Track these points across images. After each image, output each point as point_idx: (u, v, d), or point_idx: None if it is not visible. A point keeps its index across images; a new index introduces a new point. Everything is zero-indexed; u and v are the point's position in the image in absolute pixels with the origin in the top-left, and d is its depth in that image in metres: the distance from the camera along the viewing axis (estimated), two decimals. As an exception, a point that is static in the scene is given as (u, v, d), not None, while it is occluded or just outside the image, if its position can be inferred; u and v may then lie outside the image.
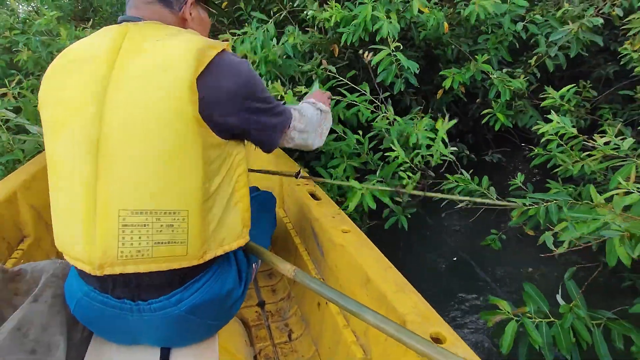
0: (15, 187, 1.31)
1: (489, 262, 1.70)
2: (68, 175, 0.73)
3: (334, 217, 1.20)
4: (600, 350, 1.04)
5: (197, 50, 0.72)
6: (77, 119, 0.71)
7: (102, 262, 0.71)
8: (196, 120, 0.71)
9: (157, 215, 0.71)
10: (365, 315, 0.76)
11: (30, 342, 0.76)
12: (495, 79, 1.71)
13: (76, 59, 0.75)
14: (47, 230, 1.41)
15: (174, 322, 0.79)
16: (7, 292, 0.83)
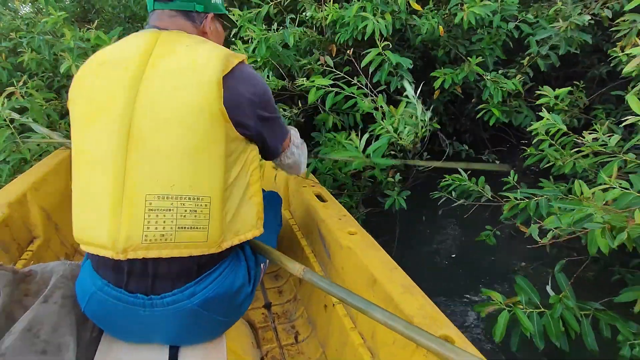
0: (25, 189, 1.34)
1: (484, 257, 1.74)
2: (98, 164, 0.77)
3: (340, 219, 1.21)
4: (587, 339, 1.09)
5: (224, 56, 0.80)
6: (110, 112, 0.76)
7: (126, 246, 0.74)
8: (222, 114, 0.77)
9: (182, 201, 0.76)
10: (374, 313, 0.78)
11: (41, 342, 0.77)
12: (488, 80, 1.76)
13: (107, 61, 0.81)
14: (56, 232, 1.45)
15: (186, 317, 0.81)
16: (18, 293, 0.85)
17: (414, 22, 1.81)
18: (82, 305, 0.84)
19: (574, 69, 2.37)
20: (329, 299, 1.14)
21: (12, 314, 0.81)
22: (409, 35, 1.94)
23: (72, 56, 1.86)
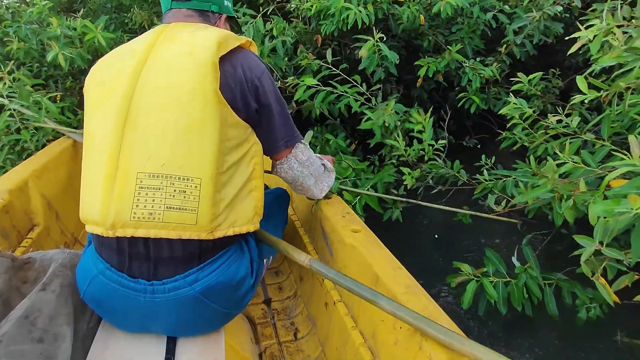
0: (26, 176, 1.34)
1: (463, 237, 1.84)
2: (97, 145, 0.79)
3: (344, 216, 1.19)
4: (549, 305, 1.19)
5: (221, 38, 0.81)
6: (113, 96, 0.79)
7: (115, 222, 0.75)
8: (216, 95, 0.77)
9: (171, 180, 0.76)
10: (381, 302, 0.78)
11: (38, 330, 0.76)
12: (467, 67, 1.84)
13: (120, 53, 0.86)
14: (56, 220, 1.44)
15: (186, 304, 0.80)
16: (16, 280, 0.84)
17: (396, 11, 1.89)
18: (82, 289, 0.84)
19: (553, 58, 2.47)
20: (330, 297, 1.13)
21: (9, 301, 0.81)
22: (391, 24, 2.02)
23: (59, 44, 1.90)
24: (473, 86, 1.84)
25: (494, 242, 1.75)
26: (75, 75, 2.60)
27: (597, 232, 0.74)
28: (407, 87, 2.44)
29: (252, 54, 0.89)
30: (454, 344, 0.68)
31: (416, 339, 0.77)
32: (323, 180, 1.15)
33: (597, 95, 1.02)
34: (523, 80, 1.64)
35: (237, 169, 0.83)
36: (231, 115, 0.80)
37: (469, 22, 1.97)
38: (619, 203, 0.65)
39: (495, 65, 1.84)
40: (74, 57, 1.92)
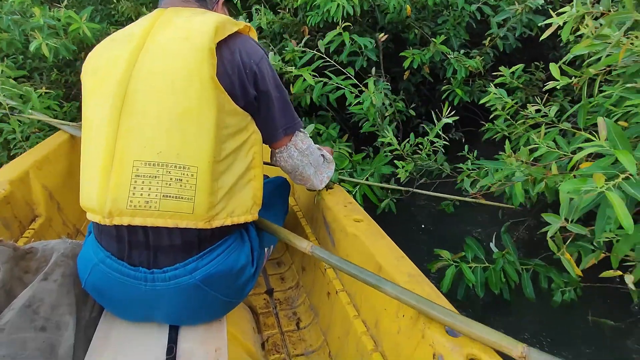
0: (27, 167, 1.35)
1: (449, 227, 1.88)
2: (95, 132, 0.79)
3: (346, 205, 1.20)
4: (526, 289, 1.24)
5: (219, 23, 0.80)
6: (109, 82, 0.78)
7: (111, 210, 0.75)
8: (212, 81, 0.76)
9: (168, 168, 0.75)
10: (385, 287, 0.79)
11: (40, 319, 0.77)
12: (452, 58, 1.88)
13: (116, 38, 0.85)
14: (58, 211, 1.46)
15: (187, 292, 0.81)
16: (18, 270, 0.85)
17: (382, 2, 1.91)
18: (84, 278, 0.84)
19: (539, 51, 2.51)
20: (332, 286, 1.13)
21: (12, 291, 0.82)
22: (377, 15, 2.04)
23: (43, 35, 1.89)
24: (458, 77, 1.87)
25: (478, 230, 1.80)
26: (60, 67, 2.58)
27: (563, 209, 0.78)
28: (395, 80, 2.47)
29: (251, 39, 0.88)
30: (456, 324, 0.70)
31: (419, 327, 0.78)
32: (322, 171, 1.15)
33: (568, 81, 1.06)
34: (505, 73, 1.67)
35: (235, 157, 0.83)
36: (229, 102, 0.79)
37: (454, 14, 2.00)
38: (585, 182, 0.68)
39: (478, 58, 1.87)
40: (58, 47, 1.90)
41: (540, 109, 1.29)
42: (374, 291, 0.90)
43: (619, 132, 0.73)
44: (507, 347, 0.66)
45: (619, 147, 0.73)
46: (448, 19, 1.98)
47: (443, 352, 0.70)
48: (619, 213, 0.63)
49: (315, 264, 1.27)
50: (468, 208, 1.93)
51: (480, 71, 1.90)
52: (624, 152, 0.69)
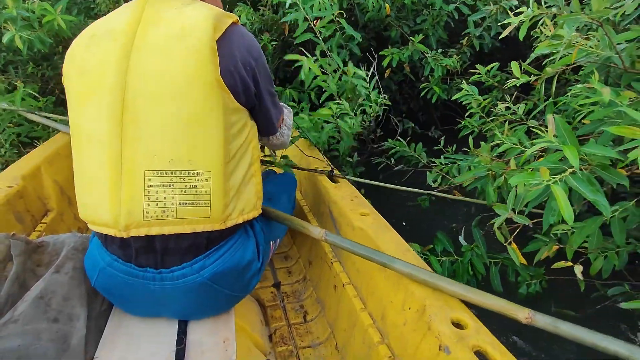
0: (39, 162, 1.39)
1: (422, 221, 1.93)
2: (94, 142, 0.76)
3: (352, 200, 1.23)
4: (494, 281, 1.29)
5: (214, 17, 0.77)
6: (102, 87, 0.75)
7: (128, 223, 0.74)
8: (217, 82, 0.75)
9: (181, 176, 0.75)
10: (399, 266, 0.84)
11: (53, 311, 0.79)
12: (429, 57, 1.92)
13: (96, 34, 0.79)
14: (69, 205, 1.49)
15: (195, 290, 0.82)
16: (31, 263, 0.88)
17: (360, 1, 1.95)
18: (92, 280, 0.86)
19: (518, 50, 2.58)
20: (339, 279, 1.16)
21: (24, 283, 0.84)
22: (357, 14, 2.07)
23: (16, 26, 1.88)
24: (435, 75, 1.92)
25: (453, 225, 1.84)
26: (37, 60, 2.55)
27: (510, 201, 0.82)
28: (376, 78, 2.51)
29: (245, 31, 0.85)
30: (467, 295, 0.78)
31: (425, 319, 0.80)
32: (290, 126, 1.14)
33: (528, 79, 1.11)
34: (481, 71, 1.72)
35: (241, 155, 0.83)
36: (232, 101, 0.78)
37: (432, 14, 2.04)
38: (534, 175, 0.73)
39: (455, 57, 1.92)
40: (32, 40, 1.89)
41: (510, 107, 1.34)
42: (379, 284, 0.96)
43: (568, 129, 0.78)
44: (514, 311, 0.73)
45: (567, 143, 0.77)
46: (427, 18, 2.02)
47: (449, 344, 0.72)
48: (561, 205, 0.68)
49: (322, 257, 1.31)
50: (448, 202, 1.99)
51: (458, 70, 1.95)
52: (570, 148, 0.73)
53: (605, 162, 0.77)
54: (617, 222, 0.92)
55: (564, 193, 0.69)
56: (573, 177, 0.72)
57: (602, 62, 0.96)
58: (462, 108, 2.40)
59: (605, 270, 1.07)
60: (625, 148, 0.74)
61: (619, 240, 0.90)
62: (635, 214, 0.92)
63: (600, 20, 0.85)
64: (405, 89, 2.75)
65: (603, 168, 0.78)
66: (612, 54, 0.92)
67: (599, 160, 0.78)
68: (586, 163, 0.80)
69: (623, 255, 1.11)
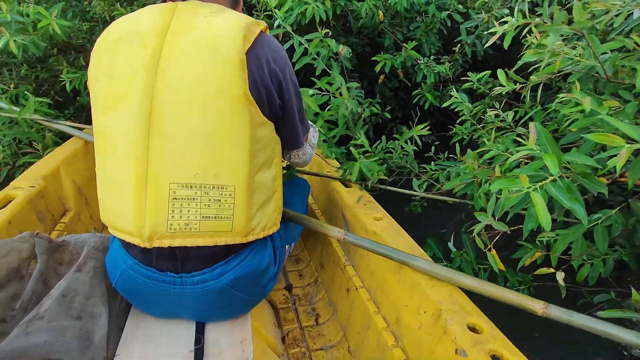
0: (58, 163, 1.45)
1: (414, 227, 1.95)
2: (120, 149, 0.76)
3: (365, 204, 1.25)
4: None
5: (244, 27, 0.76)
6: (130, 94, 0.74)
7: (151, 235, 0.76)
8: (245, 97, 0.75)
9: (206, 190, 0.76)
10: (419, 264, 0.87)
11: (76, 308, 0.82)
12: (422, 64, 1.95)
13: (123, 37, 0.78)
14: (86, 205, 1.55)
15: (214, 295, 0.84)
16: (53, 262, 0.91)
17: (354, 7, 1.97)
18: (113, 280, 0.88)
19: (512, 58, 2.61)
20: (352, 283, 1.18)
21: (47, 281, 0.88)
22: (350, 20, 2.10)
23: (10, 30, 1.89)
24: (428, 81, 1.94)
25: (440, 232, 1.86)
26: (31, 63, 2.57)
27: (490, 207, 0.84)
28: (372, 84, 2.53)
29: (273, 39, 0.84)
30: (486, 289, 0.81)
31: (440, 323, 0.81)
32: (314, 146, 1.11)
33: (513, 87, 1.13)
34: (473, 79, 1.75)
35: (265, 170, 0.84)
36: (259, 115, 0.78)
37: (425, 21, 2.07)
38: (514, 182, 0.74)
39: (447, 64, 1.95)
40: (27, 44, 1.91)
41: (499, 114, 1.36)
42: (394, 288, 0.98)
43: (549, 137, 0.79)
44: (530, 305, 0.78)
45: (549, 151, 0.79)
46: (420, 26, 2.05)
47: (465, 348, 0.73)
48: (539, 212, 0.69)
49: (335, 261, 1.34)
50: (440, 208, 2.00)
51: (450, 77, 1.98)
52: (550, 156, 0.75)
53: (586, 170, 0.79)
54: (600, 230, 0.94)
55: (543, 200, 0.71)
56: (553, 185, 0.74)
57: (586, 72, 0.99)
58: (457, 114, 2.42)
59: (591, 277, 1.08)
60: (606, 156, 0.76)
61: (602, 248, 0.91)
62: (618, 221, 0.94)
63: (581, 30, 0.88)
64: (401, 95, 2.77)
65: (584, 176, 0.79)
66: (596, 63, 0.94)
67: (580, 169, 0.79)
68: (569, 171, 0.82)
69: (609, 263, 1.13)
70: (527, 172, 0.77)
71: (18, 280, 0.85)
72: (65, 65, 2.39)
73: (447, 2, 2.03)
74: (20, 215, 1.16)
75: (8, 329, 0.78)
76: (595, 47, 0.93)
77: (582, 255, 0.96)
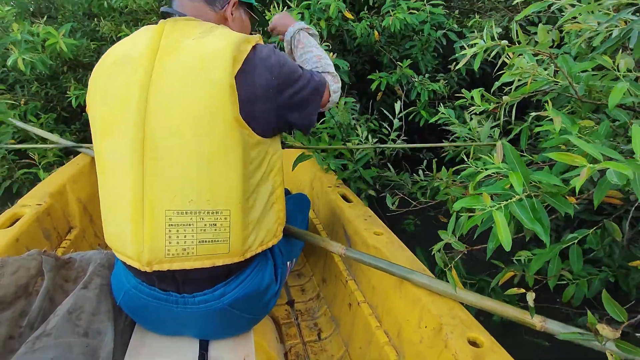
0: (64, 180, 1.48)
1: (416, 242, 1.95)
2: (117, 175, 0.79)
3: (366, 219, 1.27)
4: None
5: (233, 48, 0.76)
6: (123, 120, 0.76)
7: (150, 260, 0.78)
8: (236, 121, 0.75)
9: (201, 215, 0.77)
10: (419, 278, 0.89)
11: (82, 325, 0.84)
12: (416, 82, 1.97)
13: (117, 62, 0.80)
14: (90, 223, 1.59)
15: (216, 315, 0.86)
16: (59, 279, 0.93)
17: (349, 27, 2.02)
18: (118, 298, 0.91)
19: (507, 76, 2.61)
20: (354, 298, 1.20)
21: (54, 298, 0.90)
22: (346, 39, 2.15)
23: (20, 49, 2.00)
24: (422, 99, 1.97)
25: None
26: (42, 80, 2.68)
27: (450, 225, 0.84)
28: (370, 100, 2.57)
29: (265, 49, 0.83)
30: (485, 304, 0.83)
31: (441, 337, 0.83)
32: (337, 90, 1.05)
33: (487, 107, 1.14)
34: (466, 96, 1.76)
35: (260, 188, 0.85)
36: (252, 136, 0.79)
37: (422, 40, 2.11)
38: (477, 200, 0.75)
39: (442, 82, 1.97)
40: (35, 62, 2.01)
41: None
42: (395, 302, 1.00)
43: (517, 156, 0.80)
44: (529, 320, 0.80)
45: (516, 169, 0.79)
46: (416, 44, 2.09)
47: None
48: (500, 231, 0.70)
49: (337, 275, 1.36)
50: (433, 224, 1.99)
51: (446, 94, 2.00)
52: (516, 175, 0.75)
53: (554, 190, 0.79)
54: (575, 250, 0.93)
55: (505, 220, 0.71)
56: (517, 205, 0.74)
57: (561, 91, 0.99)
58: (455, 131, 2.41)
59: (576, 298, 1.07)
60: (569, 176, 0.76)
61: (576, 268, 0.91)
62: (593, 241, 0.93)
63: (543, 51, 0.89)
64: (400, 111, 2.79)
65: (552, 195, 0.80)
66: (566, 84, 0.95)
67: (548, 188, 0.79)
68: (539, 190, 0.82)
69: (595, 283, 1.11)
70: (494, 191, 0.78)
71: (25, 298, 0.88)
72: (73, 82, 2.50)
73: (445, 22, 2.06)
74: (27, 233, 1.20)
75: (16, 346, 0.80)
76: (567, 67, 0.94)
77: (557, 274, 0.95)
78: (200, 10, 0.88)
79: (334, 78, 1.01)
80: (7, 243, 1.11)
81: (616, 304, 0.75)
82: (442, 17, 2.02)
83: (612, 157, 0.69)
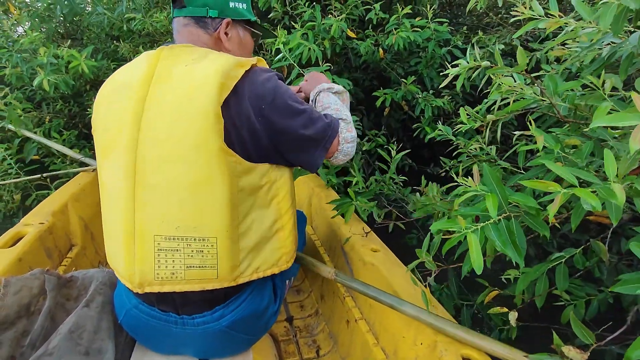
0: (66, 199, 1.52)
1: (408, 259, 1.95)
2: (112, 198, 0.83)
3: (364, 236, 1.29)
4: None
5: (221, 74, 0.76)
6: (118, 146, 0.79)
7: (141, 282, 0.81)
8: (222, 150, 0.76)
9: (188, 242, 0.79)
10: (407, 309, 0.88)
11: (84, 344, 0.85)
12: (420, 98, 2.00)
13: (116, 88, 0.83)
14: (92, 241, 1.62)
15: (215, 336, 0.88)
16: (60, 297, 0.95)
17: (353, 46, 2.07)
18: (119, 317, 0.94)
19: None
20: (352, 315, 1.21)
21: (55, 317, 0.91)
22: (351, 57, 2.20)
23: (45, 71, 2.14)
24: (426, 115, 1.99)
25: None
26: (66, 98, 2.85)
27: (424, 245, 0.86)
28: (378, 116, 2.60)
29: (259, 72, 0.82)
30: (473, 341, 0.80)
31: (436, 354, 0.85)
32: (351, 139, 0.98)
33: (473, 125, 1.16)
34: (469, 112, 1.77)
35: (257, 214, 0.85)
36: (241, 163, 0.80)
37: (426, 57, 2.13)
38: (454, 222, 0.77)
39: (447, 97, 1.99)
40: (58, 82, 2.15)
41: (483, 148, 1.38)
42: (392, 319, 1.00)
43: (496, 178, 0.81)
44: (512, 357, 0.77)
45: (495, 191, 0.81)
46: (421, 61, 2.12)
47: None
48: (472, 253, 0.71)
49: (335, 292, 1.38)
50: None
51: (451, 110, 2.01)
52: (492, 197, 0.77)
53: (531, 212, 0.80)
54: (562, 269, 0.93)
55: (478, 242, 0.72)
56: (492, 227, 0.76)
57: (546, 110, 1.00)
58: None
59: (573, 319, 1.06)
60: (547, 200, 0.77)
61: (561, 287, 0.91)
62: (579, 262, 0.93)
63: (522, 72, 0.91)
64: (409, 126, 2.82)
65: (530, 217, 0.80)
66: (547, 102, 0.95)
67: (525, 209, 0.80)
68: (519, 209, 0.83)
69: (594, 304, 1.10)
70: (472, 212, 0.80)
71: (27, 317, 0.89)
72: (93, 100, 2.65)
73: (452, 39, 2.08)
74: (30, 252, 1.23)
75: (18, 366, 0.83)
76: (554, 86, 0.95)
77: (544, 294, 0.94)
78: (195, 35, 0.89)
79: (347, 125, 0.95)
80: (10, 262, 1.13)
81: (583, 327, 0.75)
82: (447, 35, 2.05)
83: (588, 180, 0.70)
